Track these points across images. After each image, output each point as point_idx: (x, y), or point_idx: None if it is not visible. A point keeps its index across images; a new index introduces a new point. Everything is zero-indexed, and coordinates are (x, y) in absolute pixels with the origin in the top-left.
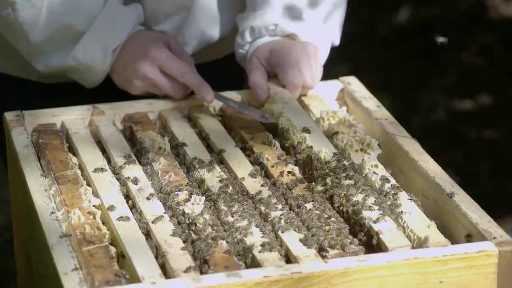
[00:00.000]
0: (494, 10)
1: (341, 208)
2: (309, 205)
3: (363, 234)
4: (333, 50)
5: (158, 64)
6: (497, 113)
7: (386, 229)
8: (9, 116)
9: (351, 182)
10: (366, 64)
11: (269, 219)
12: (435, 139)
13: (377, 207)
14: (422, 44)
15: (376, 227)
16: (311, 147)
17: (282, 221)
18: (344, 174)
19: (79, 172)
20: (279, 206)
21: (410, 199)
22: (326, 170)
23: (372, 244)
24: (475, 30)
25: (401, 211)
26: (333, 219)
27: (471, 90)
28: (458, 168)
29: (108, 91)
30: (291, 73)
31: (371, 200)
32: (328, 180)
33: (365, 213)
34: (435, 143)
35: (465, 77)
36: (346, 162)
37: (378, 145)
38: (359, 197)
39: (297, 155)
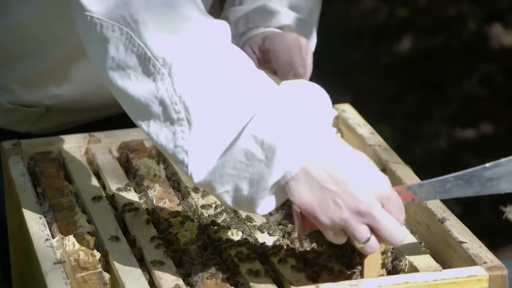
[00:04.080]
0: (496, 39)
1: None
2: None
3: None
4: (336, 79)
5: (383, 203)
6: (499, 142)
7: None
8: (6, 145)
9: None
10: (368, 93)
11: (262, 244)
12: (436, 167)
13: None
14: (424, 73)
15: None
16: None
17: (275, 247)
18: None
19: (74, 199)
20: (272, 232)
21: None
22: None
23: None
24: (477, 59)
25: None
26: (325, 245)
27: (473, 119)
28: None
29: (105, 119)
30: (283, 58)
31: None
32: None
33: None
34: (436, 171)
35: (467, 106)
36: None
37: None
38: None
39: None
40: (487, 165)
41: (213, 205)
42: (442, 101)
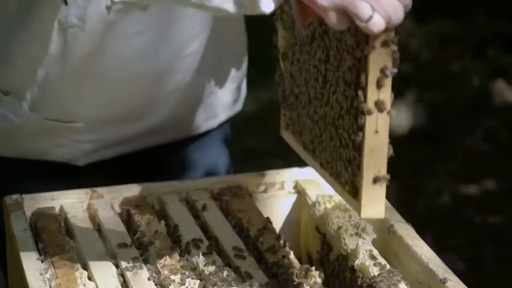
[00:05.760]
0: (499, 96)
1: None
2: None
3: None
4: None
5: None
6: (503, 198)
7: None
8: (8, 200)
9: None
10: None
11: None
12: (440, 223)
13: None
14: (427, 128)
15: None
16: None
17: None
18: None
19: (75, 255)
20: None
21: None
22: None
23: None
24: (480, 115)
25: None
26: None
27: (476, 175)
28: (463, 253)
29: (106, 174)
30: None
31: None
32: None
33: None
34: (440, 227)
35: (470, 162)
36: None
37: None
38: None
39: None
40: None
41: (214, 263)
42: (445, 157)
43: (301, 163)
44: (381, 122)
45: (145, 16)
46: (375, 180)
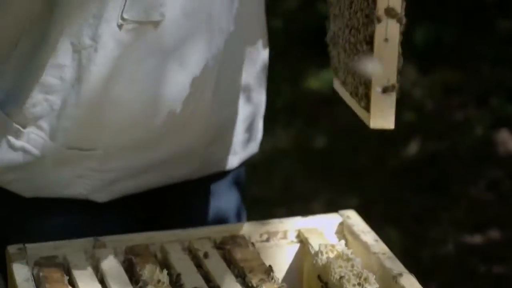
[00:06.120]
0: (503, 146)
1: None
2: None
3: None
4: (343, 183)
5: None
6: (507, 248)
7: None
8: (11, 249)
9: None
10: (375, 196)
11: None
12: (444, 273)
13: None
14: (431, 178)
15: None
16: None
17: None
18: None
19: None
20: None
21: None
22: None
23: None
24: (484, 165)
25: None
26: None
27: (480, 224)
28: None
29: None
30: None
31: None
32: None
33: None
34: (444, 277)
35: (474, 211)
36: None
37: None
38: None
39: None
40: None
41: None
42: (449, 206)
43: (304, 212)
44: (391, 30)
45: (157, 36)
46: (385, 90)
